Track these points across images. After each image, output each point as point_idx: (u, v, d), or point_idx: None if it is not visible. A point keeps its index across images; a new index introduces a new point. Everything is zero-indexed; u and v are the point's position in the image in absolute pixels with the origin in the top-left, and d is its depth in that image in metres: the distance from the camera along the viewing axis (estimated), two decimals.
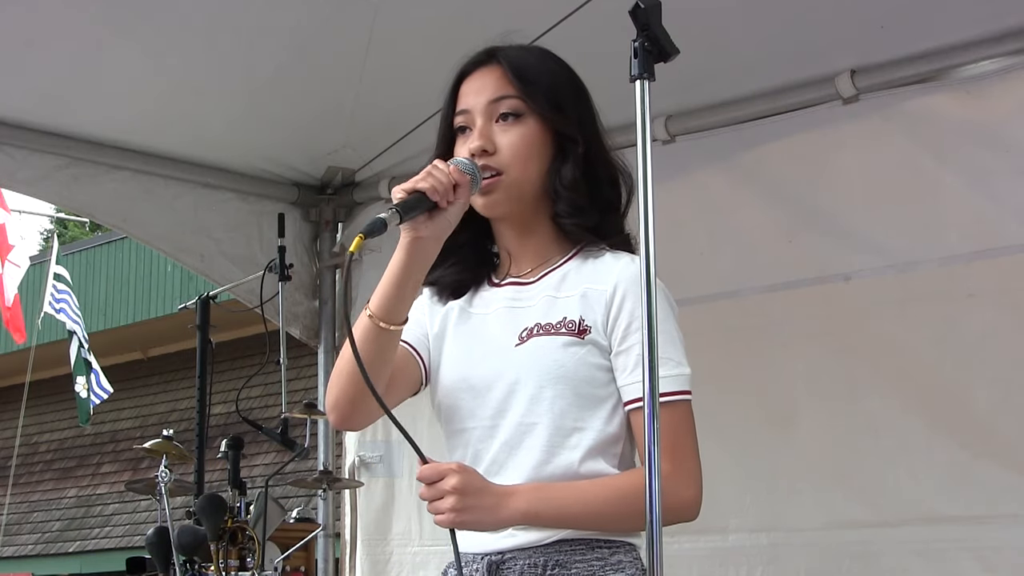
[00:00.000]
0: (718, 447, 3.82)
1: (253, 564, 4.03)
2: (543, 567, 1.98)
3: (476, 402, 2.07)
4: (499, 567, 2.01)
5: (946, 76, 3.50)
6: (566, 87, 2.10)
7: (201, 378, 4.44)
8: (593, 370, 2.01)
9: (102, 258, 13.89)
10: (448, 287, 2.16)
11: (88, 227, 22.48)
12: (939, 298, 3.50)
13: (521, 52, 2.12)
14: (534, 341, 2.03)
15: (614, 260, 2.06)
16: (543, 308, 2.06)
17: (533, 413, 2.01)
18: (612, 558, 2.00)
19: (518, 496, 1.95)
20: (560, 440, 2.00)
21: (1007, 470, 3.35)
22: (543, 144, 2.07)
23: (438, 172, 1.94)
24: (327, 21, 3.65)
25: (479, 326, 2.12)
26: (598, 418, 2.01)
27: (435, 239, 1.98)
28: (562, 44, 2.22)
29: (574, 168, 2.06)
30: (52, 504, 14.96)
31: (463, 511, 1.90)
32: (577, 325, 2.02)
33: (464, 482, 1.91)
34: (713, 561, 3.82)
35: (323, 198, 4.81)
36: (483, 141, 2.05)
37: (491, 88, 2.07)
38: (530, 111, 2.06)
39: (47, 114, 4.18)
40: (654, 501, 1.83)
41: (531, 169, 2.06)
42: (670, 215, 2.87)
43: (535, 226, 2.11)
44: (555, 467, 1.99)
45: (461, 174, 1.97)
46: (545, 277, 2.10)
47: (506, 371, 2.04)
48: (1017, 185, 3.40)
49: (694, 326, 3.69)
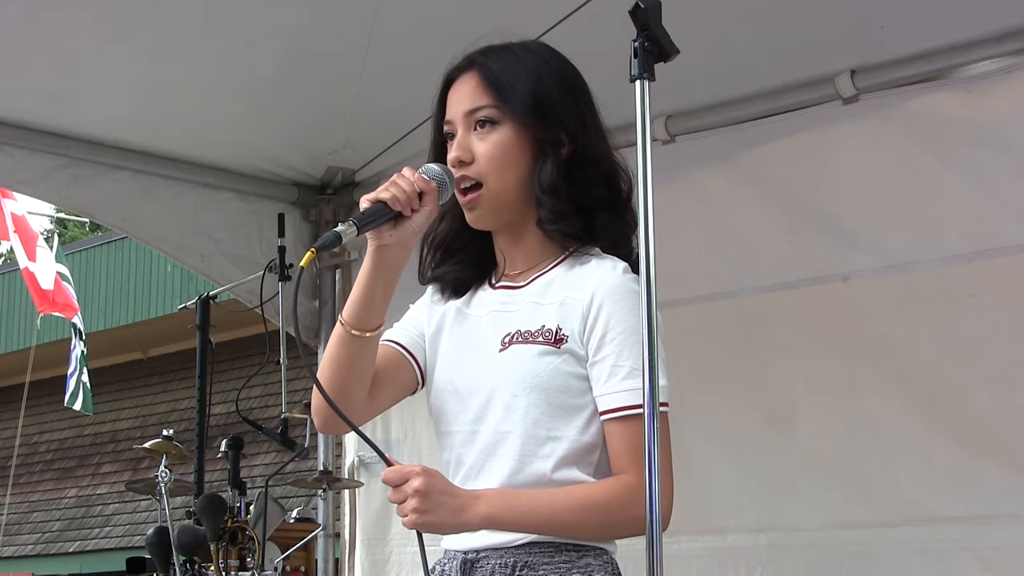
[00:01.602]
0: (717, 447, 3.83)
1: (253, 564, 4.03)
2: (512, 567, 1.99)
3: (459, 406, 2.08)
4: (473, 565, 2.03)
5: (946, 76, 3.50)
6: (548, 87, 2.07)
7: (201, 378, 4.44)
8: (569, 379, 2.00)
9: (102, 258, 13.89)
10: (450, 284, 2.17)
11: (88, 227, 22.50)
12: (939, 298, 3.50)
13: (500, 56, 2.10)
14: (513, 349, 2.03)
15: (596, 266, 2.04)
16: (526, 314, 2.06)
17: (507, 421, 2.01)
18: (580, 561, 1.99)
19: (481, 501, 1.96)
20: (533, 449, 2.00)
21: (1007, 470, 3.35)
22: (520, 150, 2.06)
23: (402, 181, 1.96)
24: (327, 21, 3.65)
25: (471, 328, 2.12)
26: (573, 427, 2.01)
27: (400, 246, 2.00)
28: (562, 44, 2.22)
29: (553, 171, 2.05)
30: (52, 504, 14.96)
31: (425, 513, 1.91)
32: (554, 334, 2.01)
33: (427, 484, 1.91)
34: (712, 561, 3.82)
35: (323, 198, 4.81)
36: (460, 152, 2.06)
37: (468, 98, 2.08)
38: (506, 118, 2.05)
39: (47, 114, 4.18)
40: (654, 502, 1.83)
41: (509, 176, 2.05)
42: (670, 215, 2.87)
43: (523, 231, 2.11)
44: (528, 475, 2.00)
45: (426, 182, 1.99)
46: (533, 282, 2.10)
47: (486, 377, 2.05)
48: (1017, 185, 3.40)
49: (693, 326, 3.76)
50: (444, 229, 2.16)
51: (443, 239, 2.17)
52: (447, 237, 2.17)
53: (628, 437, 1.96)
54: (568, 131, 2.06)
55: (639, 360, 1.92)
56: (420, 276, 2.21)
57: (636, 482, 1.92)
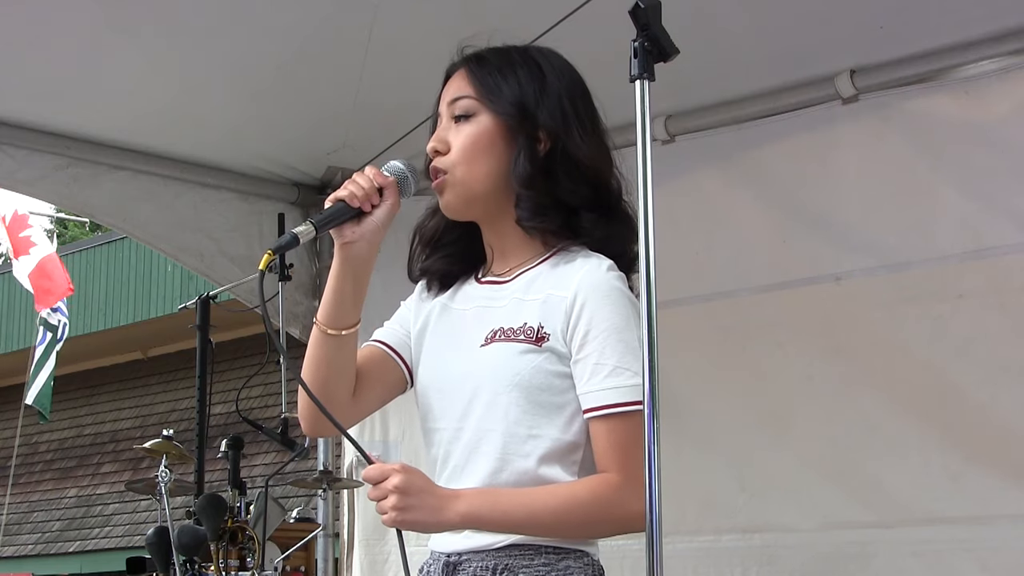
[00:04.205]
0: (712, 447, 3.83)
1: (253, 564, 4.03)
2: (493, 570, 1.99)
3: (444, 403, 2.08)
4: (455, 568, 2.03)
5: (945, 76, 3.50)
6: (531, 84, 2.08)
7: (201, 378, 4.44)
8: (550, 378, 2.00)
9: (102, 258, 13.89)
10: (436, 276, 2.18)
11: (88, 227, 22.49)
12: (931, 298, 3.50)
13: (493, 54, 2.12)
14: (495, 346, 2.03)
15: (581, 264, 2.03)
16: (509, 311, 2.05)
17: (489, 419, 2.01)
18: (560, 563, 1.99)
19: (461, 499, 1.96)
20: (515, 447, 2.00)
21: (1001, 471, 3.35)
22: (491, 141, 2.07)
23: (360, 178, 2.01)
24: (327, 21, 3.65)
25: (456, 323, 2.12)
26: (554, 426, 2.00)
27: (366, 242, 2.03)
28: (562, 44, 2.22)
29: (527, 164, 2.04)
30: (52, 504, 14.96)
31: (404, 510, 1.91)
32: (535, 332, 2.01)
33: (406, 482, 1.92)
34: (708, 562, 3.82)
35: (323, 198, 4.76)
36: (436, 143, 2.10)
37: (452, 91, 2.11)
38: (483, 109, 2.07)
39: (47, 114, 4.18)
40: (654, 502, 1.82)
41: (477, 168, 2.06)
42: (669, 215, 2.88)
43: (503, 226, 2.10)
44: (509, 474, 2.00)
45: (384, 177, 2.03)
46: (518, 278, 2.09)
47: (469, 374, 2.05)
48: (1013, 185, 3.40)
49: (689, 326, 3.76)
50: (433, 224, 2.18)
51: (431, 234, 2.18)
52: (436, 232, 2.18)
53: (611, 436, 1.96)
54: (548, 129, 2.06)
55: (622, 358, 1.94)
56: (409, 272, 2.21)
57: (619, 481, 1.93)
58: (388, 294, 2.28)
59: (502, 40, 2.16)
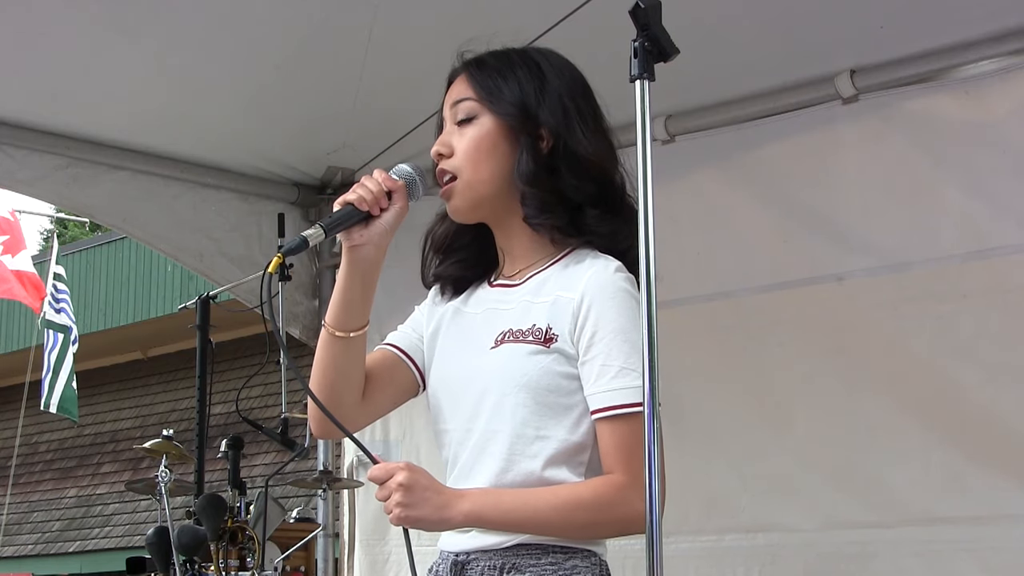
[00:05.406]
0: (714, 447, 3.83)
1: (253, 564, 4.03)
2: (500, 569, 2.00)
3: (454, 404, 2.09)
4: (463, 567, 2.04)
5: (946, 76, 3.50)
6: (532, 84, 2.08)
7: (201, 378, 4.44)
8: (558, 379, 2.00)
9: (102, 258, 13.89)
10: (449, 282, 2.19)
11: (88, 227, 22.48)
12: (933, 298, 3.50)
13: (494, 56, 2.13)
14: (504, 347, 2.04)
15: (589, 265, 2.04)
16: (519, 313, 2.06)
17: (497, 420, 2.02)
18: (567, 563, 1.99)
19: (465, 498, 1.98)
20: (521, 448, 2.00)
21: (1003, 471, 3.35)
22: (495, 142, 2.08)
23: (368, 182, 2.02)
24: (327, 21, 3.65)
25: (467, 326, 2.13)
26: (562, 427, 2.00)
27: (373, 246, 2.05)
28: (562, 44, 2.22)
29: (530, 162, 2.05)
30: (52, 504, 14.96)
31: (409, 507, 1.94)
32: (544, 333, 2.01)
33: (410, 479, 1.94)
34: (709, 562, 3.82)
35: (323, 198, 4.81)
36: (440, 146, 2.11)
37: (454, 95, 2.13)
38: (485, 111, 2.08)
39: (47, 114, 4.18)
40: (654, 501, 1.82)
41: (484, 169, 2.07)
42: (669, 215, 2.88)
43: (512, 226, 2.12)
44: (516, 475, 2.00)
45: (393, 181, 2.05)
46: (529, 280, 2.10)
47: (478, 375, 2.05)
48: (1014, 186, 3.40)
49: (690, 326, 3.76)
50: (444, 230, 2.19)
51: (443, 239, 2.19)
52: (447, 237, 2.18)
53: (617, 436, 1.96)
54: (549, 127, 2.07)
55: (629, 359, 1.94)
56: (423, 278, 2.23)
57: (624, 481, 1.94)
58: (391, 297, 2.28)
59: (502, 41, 2.16)
